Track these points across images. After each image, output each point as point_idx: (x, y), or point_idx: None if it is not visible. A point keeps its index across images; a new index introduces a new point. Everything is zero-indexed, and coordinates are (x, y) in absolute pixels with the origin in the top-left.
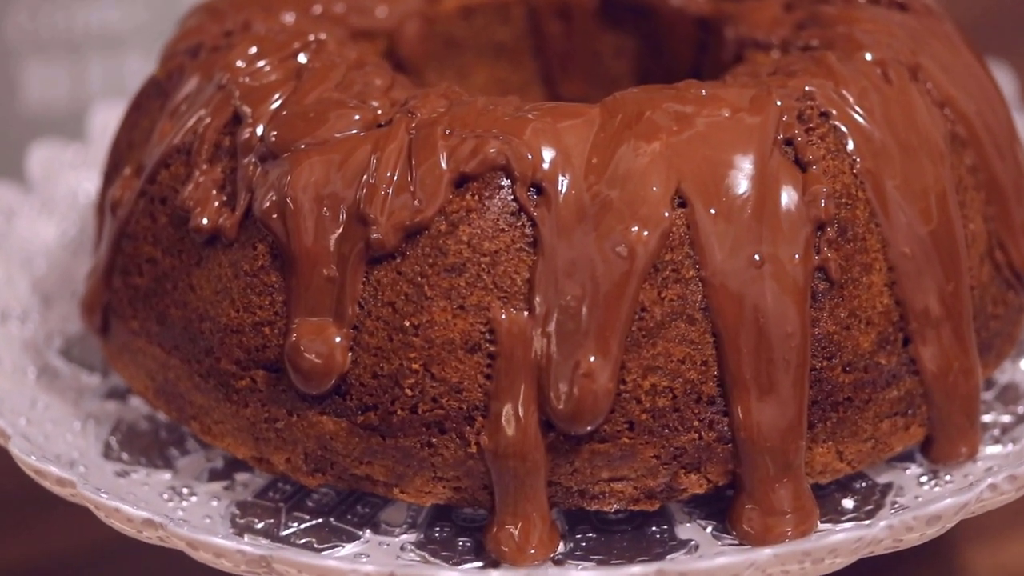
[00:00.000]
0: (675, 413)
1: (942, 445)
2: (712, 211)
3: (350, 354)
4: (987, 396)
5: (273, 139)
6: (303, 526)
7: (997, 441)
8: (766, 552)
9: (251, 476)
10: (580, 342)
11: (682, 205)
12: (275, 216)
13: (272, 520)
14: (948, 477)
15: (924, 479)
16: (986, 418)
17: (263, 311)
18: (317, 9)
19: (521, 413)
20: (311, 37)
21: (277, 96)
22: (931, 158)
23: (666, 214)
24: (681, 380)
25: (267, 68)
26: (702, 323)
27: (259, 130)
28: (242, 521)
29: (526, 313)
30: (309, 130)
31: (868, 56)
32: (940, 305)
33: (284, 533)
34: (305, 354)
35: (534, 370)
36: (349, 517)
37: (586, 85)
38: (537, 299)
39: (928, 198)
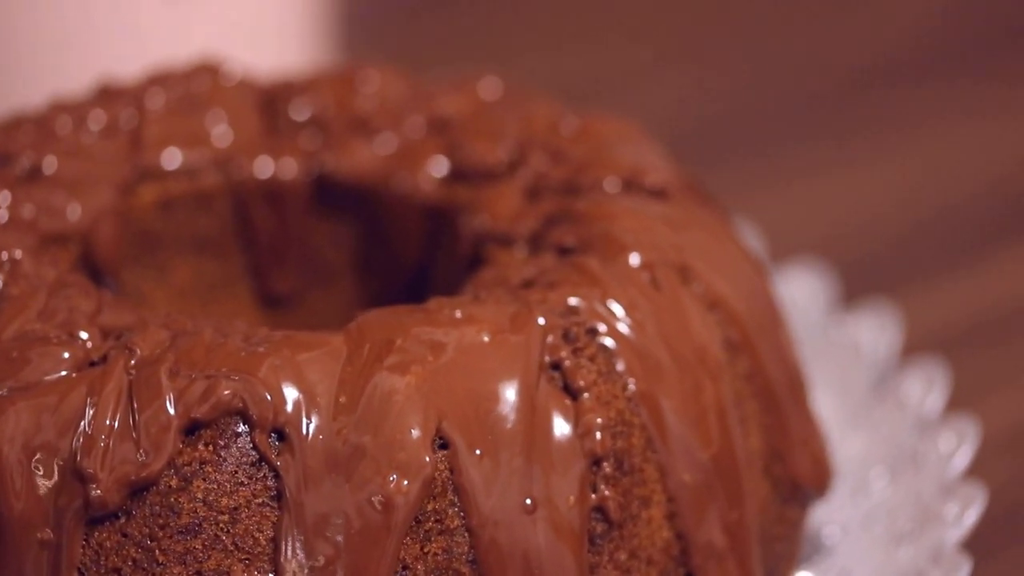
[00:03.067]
0: None
1: None
2: (477, 452)
3: None
4: None
5: None
6: None
7: None
8: None
9: None
10: None
11: (443, 446)
12: None
13: None
14: None
15: None
16: None
17: None
18: (2, 215)
19: None
20: (4, 256)
21: None
22: (708, 372)
23: (427, 459)
24: None
25: None
26: None
27: None
28: None
29: None
30: (11, 372)
31: (634, 259)
32: (724, 535)
33: None
34: None
35: None
36: None
37: (301, 279)
38: (283, 560)
39: (708, 418)
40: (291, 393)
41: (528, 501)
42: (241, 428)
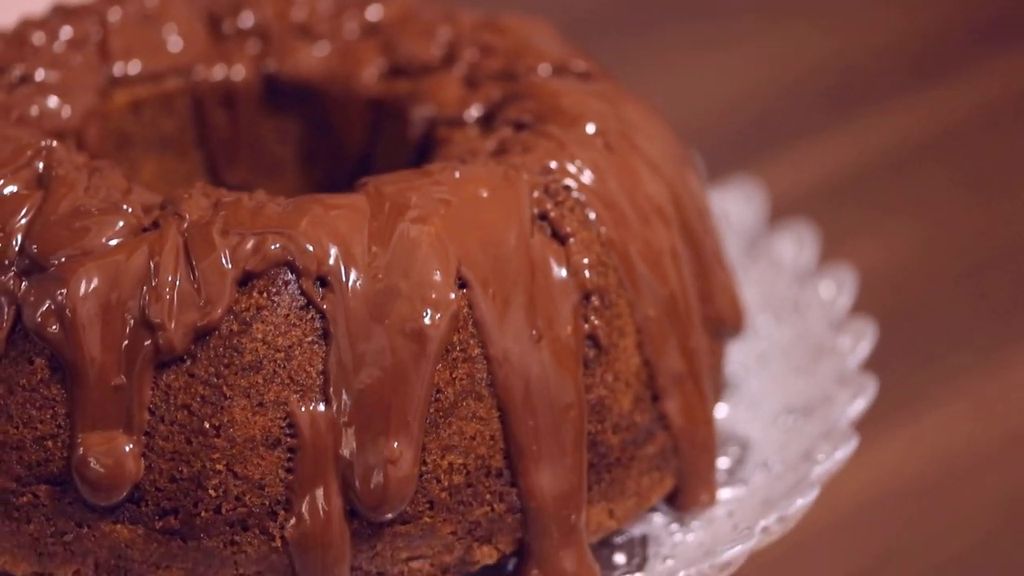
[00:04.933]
0: (469, 488)
1: (687, 494)
2: (490, 291)
3: (143, 460)
4: None
5: (35, 251)
6: None
7: (725, 484)
8: None
9: None
10: (381, 429)
11: (462, 286)
12: (53, 328)
13: None
14: (696, 523)
15: (674, 527)
16: None
17: (44, 425)
18: (15, 115)
19: (325, 504)
20: (43, 143)
21: (26, 209)
22: (662, 221)
23: (452, 296)
24: (473, 456)
25: (3, 181)
26: (488, 399)
27: (16, 243)
28: None
29: (323, 405)
30: (74, 239)
31: (590, 128)
32: (683, 361)
33: None
34: (94, 466)
35: (336, 460)
36: None
37: (250, 172)
38: (333, 390)
39: (664, 261)
40: (331, 245)
41: (534, 332)
42: (289, 277)
